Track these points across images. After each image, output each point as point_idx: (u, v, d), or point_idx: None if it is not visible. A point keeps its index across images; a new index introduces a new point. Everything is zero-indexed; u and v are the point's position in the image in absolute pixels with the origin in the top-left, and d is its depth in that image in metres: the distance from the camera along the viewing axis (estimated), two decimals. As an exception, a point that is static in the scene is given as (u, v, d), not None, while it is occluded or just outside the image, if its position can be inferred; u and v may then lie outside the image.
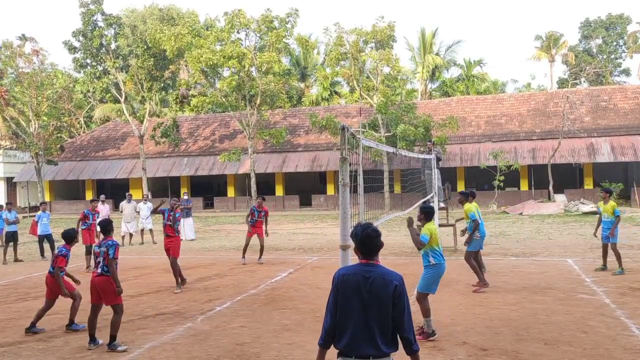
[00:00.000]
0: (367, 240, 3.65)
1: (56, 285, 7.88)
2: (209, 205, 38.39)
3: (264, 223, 13.58)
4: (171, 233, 10.83)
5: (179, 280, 10.59)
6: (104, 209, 18.83)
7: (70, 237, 8.08)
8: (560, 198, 29.53)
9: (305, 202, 36.40)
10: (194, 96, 27.68)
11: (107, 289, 7.11)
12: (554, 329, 7.33)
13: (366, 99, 33.43)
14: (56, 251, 8.14)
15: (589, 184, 31.71)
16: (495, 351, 6.55)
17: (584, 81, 46.56)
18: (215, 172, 36.84)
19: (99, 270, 7.17)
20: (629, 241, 15.79)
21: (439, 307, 8.60)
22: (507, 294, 9.40)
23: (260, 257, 13.55)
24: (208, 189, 40.50)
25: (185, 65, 38.18)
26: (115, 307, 7.15)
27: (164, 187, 39.47)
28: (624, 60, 57.04)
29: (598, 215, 11.70)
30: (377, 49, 32.55)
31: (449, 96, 47.05)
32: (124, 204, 19.16)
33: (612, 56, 56.28)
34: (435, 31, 52.19)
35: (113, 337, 7.00)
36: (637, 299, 8.86)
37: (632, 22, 55.62)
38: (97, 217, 13.99)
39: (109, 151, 40.60)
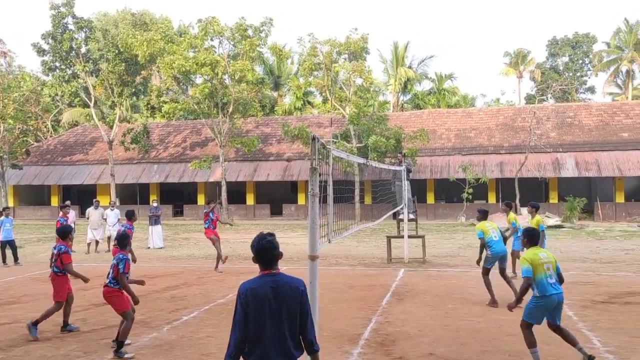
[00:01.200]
0: (261, 251, 3.72)
1: (60, 284, 8.09)
2: (178, 212, 37.94)
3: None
4: None
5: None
6: (69, 216, 18.46)
7: (65, 233, 8.35)
8: (526, 211, 30.04)
9: (276, 211, 36.29)
10: (164, 103, 27.24)
11: (112, 299, 7.32)
12: (518, 340, 7.41)
13: (338, 109, 33.64)
14: (55, 250, 8.25)
15: (554, 198, 32.42)
16: (460, 362, 6.63)
17: (551, 97, 47.71)
18: (186, 179, 36.48)
19: (107, 281, 7.37)
20: (592, 255, 16.17)
21: (407, 319, 8.67)
22: (473, 306, 9.52)
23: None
24: (178, 197, 40.04)
25: (158, 71, 37.82)
26: (124, 314, 7.24)
27: (132, 194, 38.88)
28: (589, 78, 58.73)
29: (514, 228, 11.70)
30: (350, 60, 32.84)
31: (420, 109, 47.61)
32: (90, 211, 18.80)
33: (578, 74, 57.86)
34: (408, 45, 53.01)
35: (121, 344, 7.00)
36: (599, 311, 9.06)
37: (598, 41, 57.40)
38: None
39: (77, 156, 39.83)
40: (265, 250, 3.71)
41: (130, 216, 12.07)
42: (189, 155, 37.61)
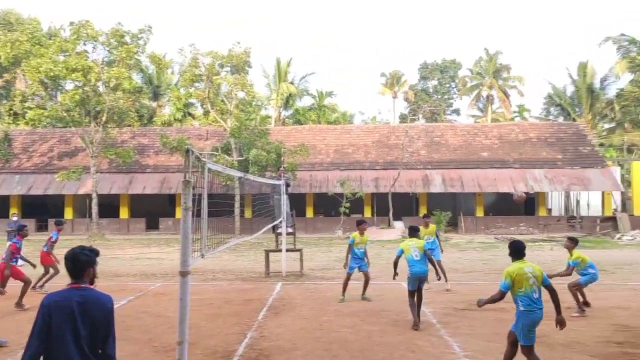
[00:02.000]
0: (68, 260, 3.78)
1: None
2: (42, 227, 35.08)
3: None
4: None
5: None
6: None
7: None
8: (398, 225, 31.69)
9: (153, 226, 34.91)
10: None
11: None
12: (386, 349, 7.79)
13: (220, 122, 33.27)
14: None
15: (423, 212, 34.43)
16: (331, 373, 6.79)
17: (422, 117, 50.90)
18: (52, 191, 33.95)
19: None
20: (455, 265, 17.38)
21: (281, 332, 8.73)
22: (346, 317, 9.81)
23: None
24: (42, 210, 37.06)
25: (23, 75, 34.99)
26: None
27: (-11, 207, 35.43)
28: (455, 101, 63.64)
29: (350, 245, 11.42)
30: (233, 73, 32.69)
31: (301, 124, 48.52)
32: (-64, 226, 16.84)
33: (446, 96, 62.44)
34: (290, 61, 53.93)
35: None
36: (459, 318, 9.74)
37: (463, 67, 62.45)
38: None
39: None
40: (71, 260, 3.74)
41: (20, 230, 11.42)
42: (56, 166, 35.09)
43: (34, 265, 11.94)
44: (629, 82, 39.56)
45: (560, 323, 6.05)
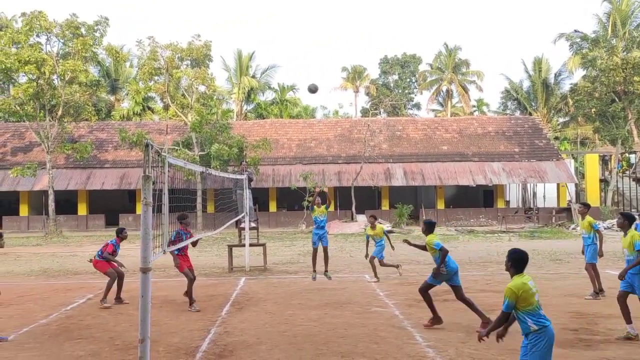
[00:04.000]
0: None
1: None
2: (-5, 225, 34.01)
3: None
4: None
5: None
6: None
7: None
8: (361, 218, 31.92)
9: (113, 222, 34.17)
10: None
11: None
12: (350, 341, 7.85)
13: (180, 116, 32.80)
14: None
15: (385, 205, 34.86)
16: (296, 367, 6.81)
17: (383, 112, 51.34)
18: (5, 188, 32.86)
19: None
20: (416, 257, 17.63)
21: (245, 327, 8.70)
22: (310, 311, 9.85)
23: None
24: (-4, 207, 35.91)
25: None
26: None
27: (-63, 205, 34.05)
28: (415, 95, 64.27)
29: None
30: (193, 66, 32.24)
31: (264, 118, 48.26)
32: None
33: (406, 91, 63.05)
34: (252, 54, 53.49)
35: None
36: (421, 309, 9.87)
37: (423, 62, 63.14)
38: None
39: None
40: None
41: (120, 232, 11.57)
42: (9, 162, 33.97)
43: (122, 266, 11.32)
44: (582, 77, 40.85)
45: None
